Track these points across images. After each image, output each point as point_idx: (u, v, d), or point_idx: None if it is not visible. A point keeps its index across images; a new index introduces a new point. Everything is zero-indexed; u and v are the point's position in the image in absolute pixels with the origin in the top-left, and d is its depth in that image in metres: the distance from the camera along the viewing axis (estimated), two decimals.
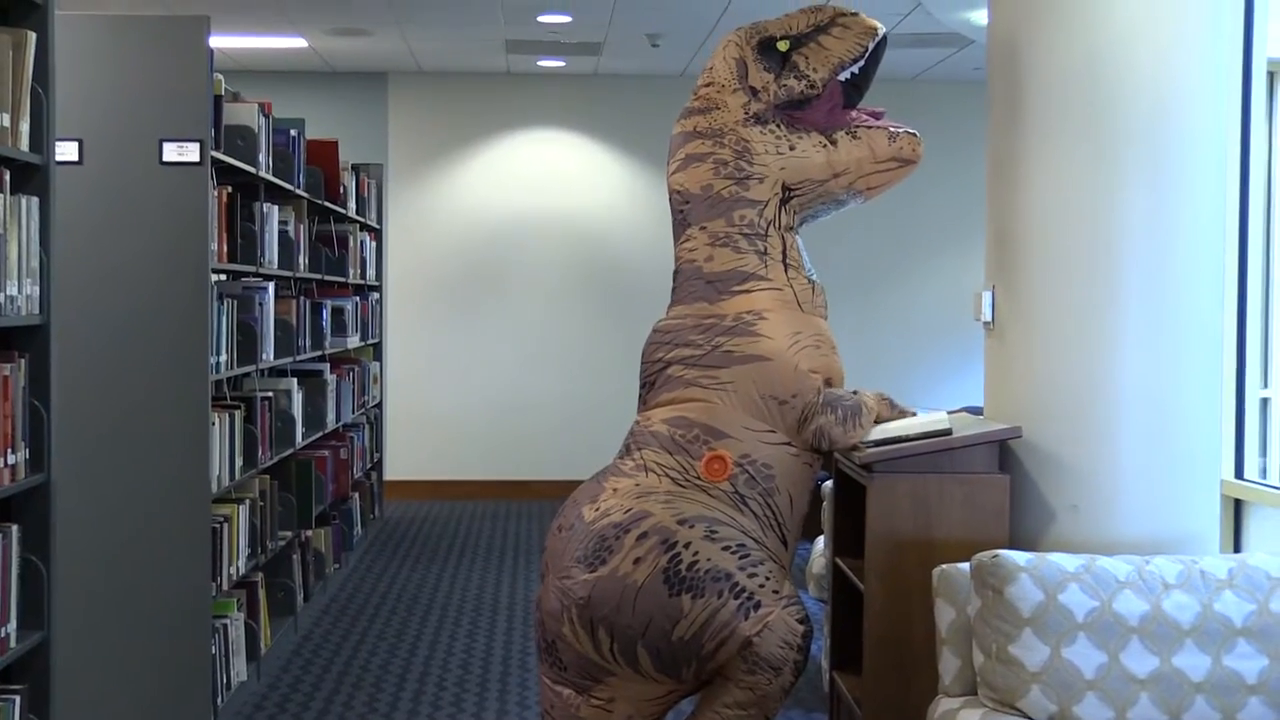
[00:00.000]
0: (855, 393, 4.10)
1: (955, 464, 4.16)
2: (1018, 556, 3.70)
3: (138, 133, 4.86)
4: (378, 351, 9.88)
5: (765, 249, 4.03)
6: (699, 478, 3.86)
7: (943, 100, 11.29)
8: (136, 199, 4.87)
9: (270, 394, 6.01)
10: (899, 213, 11.39)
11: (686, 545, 3.75)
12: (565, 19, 9.06)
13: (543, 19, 9.06)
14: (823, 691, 5.60)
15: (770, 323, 3.97)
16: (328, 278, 7.56)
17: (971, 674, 3.77)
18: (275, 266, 6.12)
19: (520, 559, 8.79)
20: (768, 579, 3.83)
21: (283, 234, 6.33)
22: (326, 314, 7.39)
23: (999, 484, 4.15)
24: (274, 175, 6.05)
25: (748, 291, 3.99)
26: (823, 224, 12.60)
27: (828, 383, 4.04)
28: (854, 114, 4.18)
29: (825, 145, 4.10)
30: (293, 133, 6.51)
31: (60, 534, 3.29)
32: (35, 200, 3.20)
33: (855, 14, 4.13)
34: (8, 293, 3.03)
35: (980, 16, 8.28)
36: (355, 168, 8.81)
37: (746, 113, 4.07)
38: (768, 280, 4.02)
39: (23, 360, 3.16)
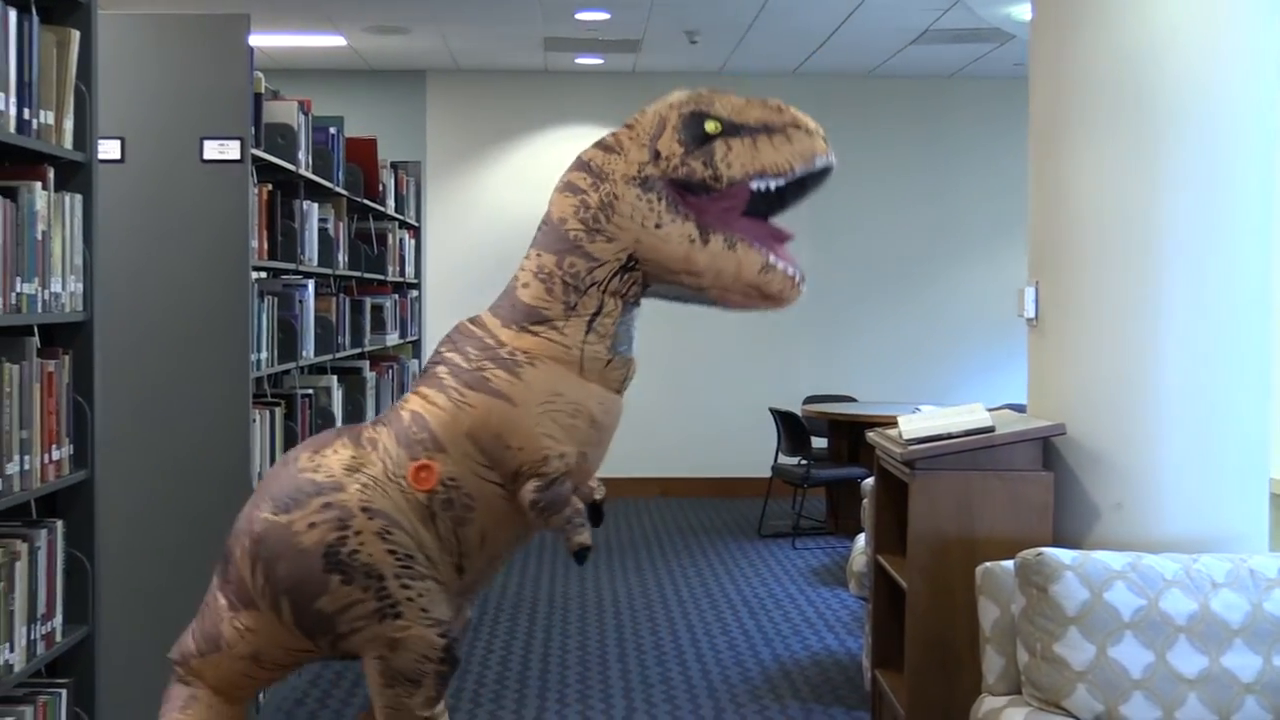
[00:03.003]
0: (572, 490, 3.91)
1: (998, 461, 4.12)
2: (1062, 554, 3.66)
3: (179, 131, 4.87)
4: (417, 349, 9.90)
5: (576, 304, 3.85)
6: (404, 478, 3.87)
7: (983, 96, 11.23)
8: (178, 197, 4.88)
9: (310, 391, 6.02)
10: (939, 208, 11.34)
11: (357, 533, 3.77)
12: (603, 16, 9.05)
13: (581, 16, 9.05)
14: (864, 690, 5.57)
15: (536, 371, 3.83)
16: (367, 275, 7.57)
17: (1016, 673, 3.74)
18: (315, 264, 6.13)
19: (557, 555, 8.79)
20: (420, 596, 3.82)
21: (322, 231, 6.34)
22: (366, 311, 7.40)
23: (1043, 481, 4.11)
24: (314, 173, 6.06)
25: (535, 334, 3.85)
26: (864, 218, 12.46)
27: (563, 457, 3.83)
28: (748, 224, 3.86)
29: (694, 240, 3.81)
30: (332, 130, 6.52)
31: (103, 529, 3.30)
32: (79, 198, 3.21)
33: (812, 133, 3.83)
34: (52, 289, 3.04)
35: (1021, 11, 8.22)
36: (394, 165, 8.83)
37: (638, 171, 3.84)
38: (560, 334, 3.85)
39: (67, 357, 3.17)
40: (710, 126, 3.83)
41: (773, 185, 3.81)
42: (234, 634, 3.90)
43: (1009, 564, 3.81)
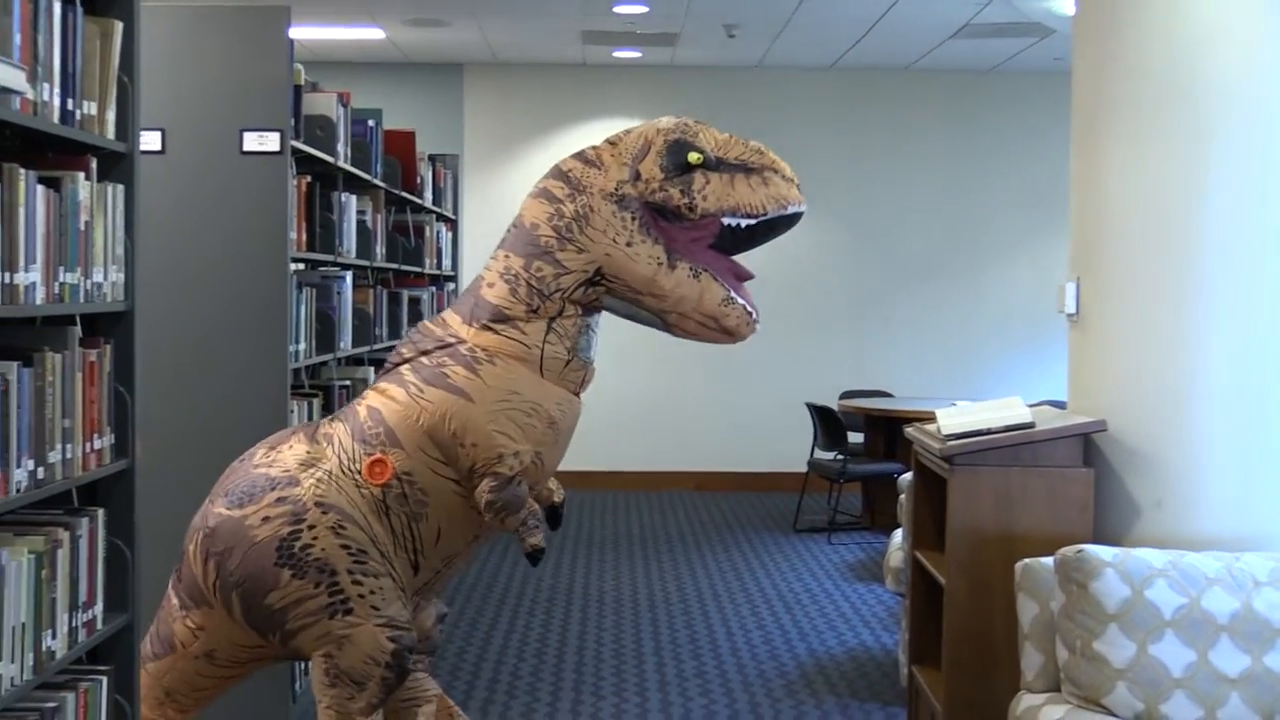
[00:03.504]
0: (527, 490, 3.89)
1: (1038, 457, 4.10)
2: (1103, 551, 3.64)
3: (219, 122, 4.89)
4: None
5: (538, 307, 3.88)
6: (359, 472, 3.86)
7: (1022, 91, 11.16)
8: (218, 188, 4.90)
9: (348, 382, 6.04)
10: (977, 203, 11.29)
11: (310, 527, 3.81)
12: (642, 9, 9.04)
13: (619, 9, 9.04)
14: (900, 686, 5.55)
15: (495, 370, 3.85)
16: (404, 267, 7.59)
17: (1055, 670, 3.72)
18: (353, 256, 6.15)
19: (593, 549, 8.79)
20: (373, 593, 3.83)
21: (360, 223, 6.36)
22: (404, 303, 7.42)
23: (1083, 478, 4.09)
24: (352, 165, 6.08)
25: (496, 333, 3.88)
26: (902, 212, 12.41)
27: (518, 455, 3.83)
28: (713, 257, 3.92)
29: (661, 264, 3.87)
30: (370, 123, 6.54)
31: (143, 519, 3.32)
32: (121, 188, 3.23)
33: (789, 179, 3.91)
34: (94, 279, 3.06)
35: (1062, 5, 8.16)
36: (432, 158, 8.84)
37: (616, 188, 3.89)
38: (520, 333, 3.88)
39: (108, 346, 3.18)
40: (693, 157, 3.88)
41: (744, 223, 3.90)
42: (186, 633, 3.94)
43: (1048, 560, 3.78)
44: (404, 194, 7.49)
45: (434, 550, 3.94)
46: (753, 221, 3.90)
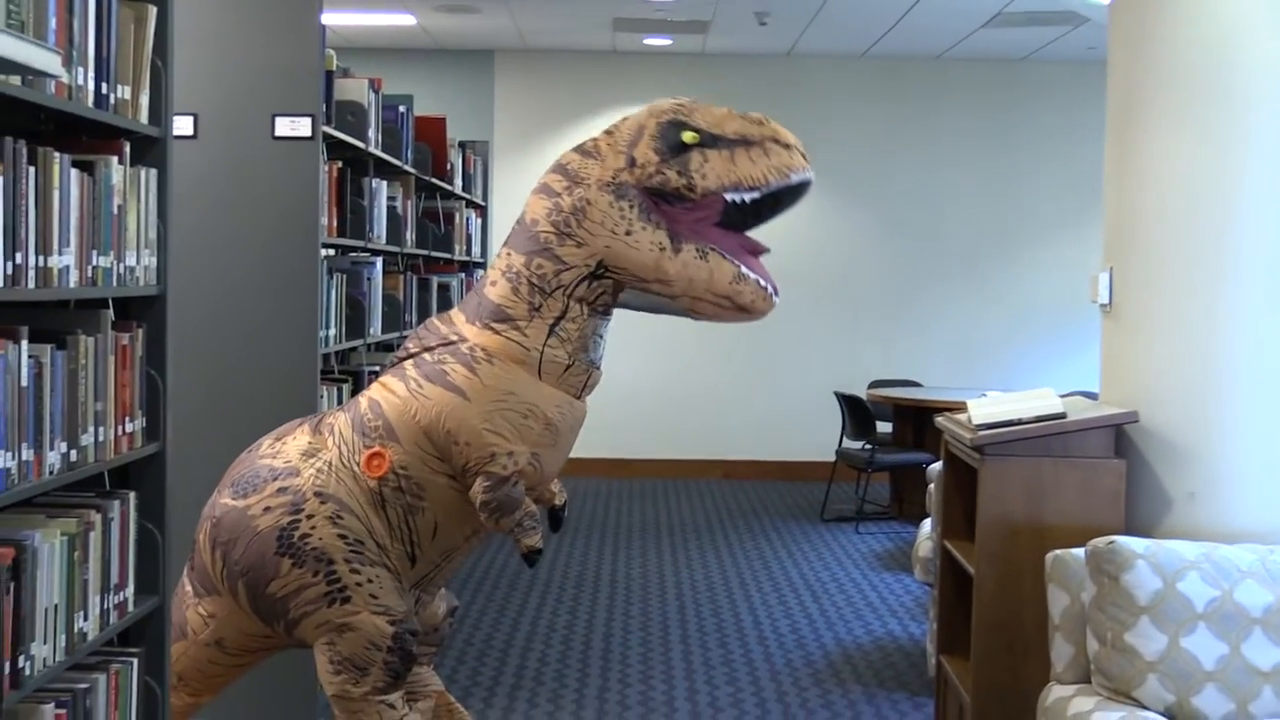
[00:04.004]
0: (524, 491, 3.87)
1: (1069, 448, 4.08)
2: (1135, 543, 3.62)
3: (251, 107, 4.90)
4: None
5: (540, 306, 3.85)
6: (358, 464, 3.87)
7: (1055, 80, 11.10)
8: (249, 173, 4.91)
9: (377, 368, 6.05)
10: (1009, 192, 11.23)
11: (309, 517, 3.83)
12: None
13: None
14: (928, 675, 5.54)
15: (492, 370, 3.83)
16: (434, 254, 7.60)
17: (1085, 662, 3.70)
18: (383, 242, 6.15)
19: (621, 537, 8.80)
20: (370, 581, 3.84)
21: (391, 209, 6.36)
22: (433, 290, 7.43)
23: (1114, 469, 4.06)
24: (383, 151, 6.08)
25: (497, 333, 3.85)
26: (933, 201, 12.36)
27: (511, 455, 3.81)
28: (722, 235, 3.87)
29: (664, 249, 3.80)
30: (401, 109, 6.55)
31: (174, 504, 3.33)
32: (154, 172, 3.23)
33: (790, 147, 3.80)
34: (127, 263, 3.07)
35: None
36: (462, 144, 8.85)
37: (613, 177, 3.84)
38: (521, 334, 3.85)
39: (140, 330, 3.19)
40: (687, 136, 3.82)
41: (747, 198, 3.82)
42: (198, 620, 3.98)
43: (1079, 552, 3.76)
44: (434, 180, 7.49)
45: (431, 544, 3.95)
46: (756, 194, 3.82)
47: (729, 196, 3.81)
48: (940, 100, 11.27)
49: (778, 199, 3.88)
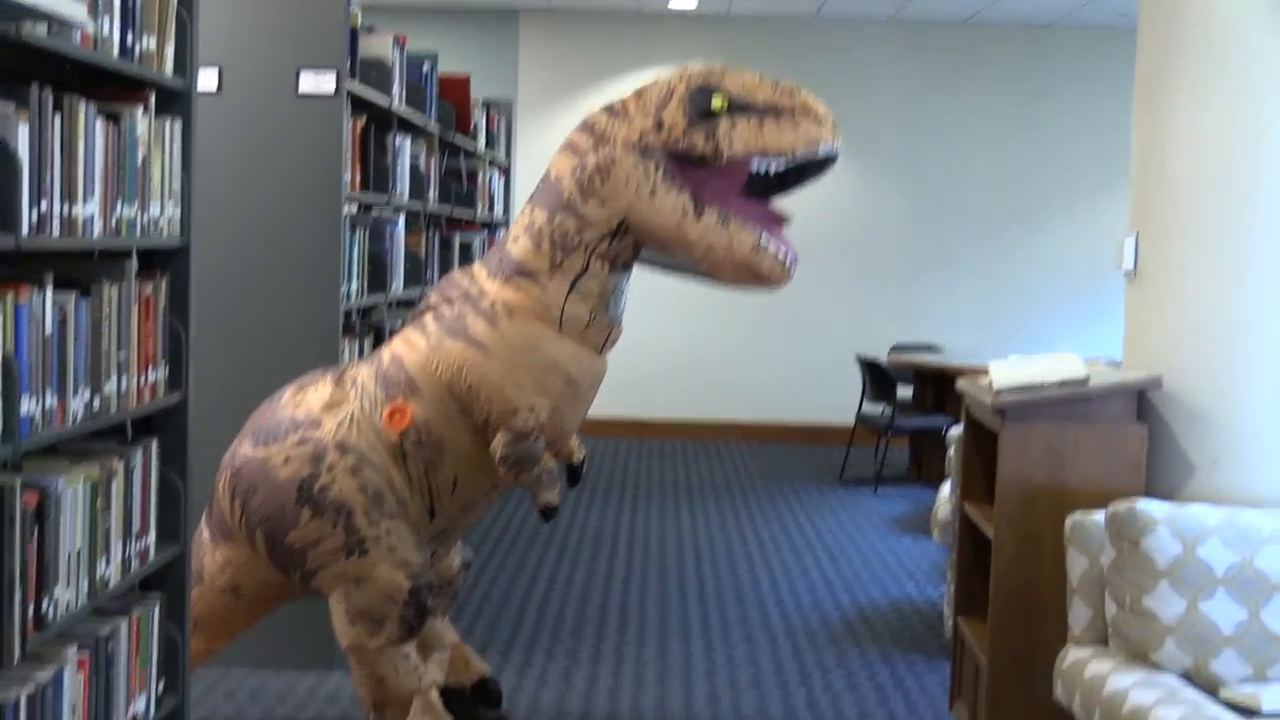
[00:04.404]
0: (544, 449, 3.89)
1: (1091, 412, 4.07)
2: (1155, 508, 3.61)
3: (275, 62, 4.90)
4: None
5: (561, 262, 3.85)
6: (380, 418, 3.90)
7: (1082, 46, 11.01)
8: (273, 128, 4.92)
9: (399, 323, 6.05)
10: (1034, 158, 11.17)
11: (329, 468, 3.85)
12: None
13: None
14: (944, 638, 5.55)
15: (513, 325, 3.84)
16: (456, 212, 7.59)
17: (1103, 625, 3.71)
18: (406, 199, 6.15)
19: (640, 497, 8.81)
20: (389, 533, 3.86)
21: (414, 167, 6.36)
22: (455, 248, 7.43)
23: (1136, 434, 4.05)
24: (407, 107, 6.07)
25: (518, 288, 3.86)
26: (957, 166, 12.26)
27: (533, 409, 3.83)
28: (746, 203, 3.85)
29: (687, 213, 3.79)
30: (425, 67, 6.53)
31: (195, 453, 3.35)
32: (179, 122, 3.24)
33: (821, 119, 3.77)
34: (150, 214, 3.07)
35: None
36: (486, 104, 8.83)
37: (639, 138, 3.84)
38: (542, 289, 3.85)
39: (164, 280, 3.21)
40: (716, 102, 3.80)
41: (773, 167, 3.81)
42: (215, 566, 4.02)
43: (1099, 516, 3.76)
44: (457, 138, 7.48)
45: (450, 498, 3.98)
46: (782, 164, 3.81)
47: (754, 164, 3.81)
48: (967, 64, 11.20)
49: (803, 170, 3.88)
